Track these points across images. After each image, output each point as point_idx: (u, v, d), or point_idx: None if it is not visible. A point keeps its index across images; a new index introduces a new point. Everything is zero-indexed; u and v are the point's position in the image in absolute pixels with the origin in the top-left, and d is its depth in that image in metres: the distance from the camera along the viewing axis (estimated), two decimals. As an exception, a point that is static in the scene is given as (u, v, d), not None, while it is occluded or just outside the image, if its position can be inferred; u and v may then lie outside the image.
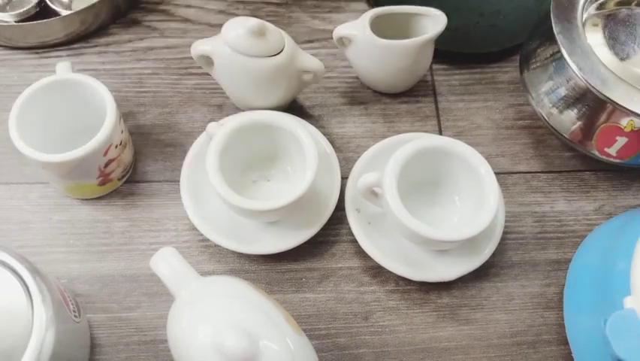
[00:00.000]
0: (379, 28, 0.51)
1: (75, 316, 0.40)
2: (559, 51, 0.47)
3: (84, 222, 0.49)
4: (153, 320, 0.45)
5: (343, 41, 0.53)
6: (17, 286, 0.35)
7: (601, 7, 0.51)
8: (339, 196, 0.48)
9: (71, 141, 0.45)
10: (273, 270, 0.48)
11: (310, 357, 0.37)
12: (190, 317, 0.36)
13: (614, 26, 0.50)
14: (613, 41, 0.49)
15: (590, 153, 0.49)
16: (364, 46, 0.51)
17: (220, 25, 0.48)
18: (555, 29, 0.47)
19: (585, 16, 0.49)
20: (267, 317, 0.36)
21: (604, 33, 0.49)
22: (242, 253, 0.48)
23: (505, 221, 0.48)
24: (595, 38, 0.48)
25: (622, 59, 0.48)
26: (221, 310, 0.36)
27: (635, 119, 0.45)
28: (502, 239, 0.47)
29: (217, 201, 0.45)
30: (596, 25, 0.50)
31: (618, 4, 0.51)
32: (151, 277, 0.46)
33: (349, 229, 0.47)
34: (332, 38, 0.53)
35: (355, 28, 0.51)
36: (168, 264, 0.39)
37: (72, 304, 0.40)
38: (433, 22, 0.51)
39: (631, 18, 0.50)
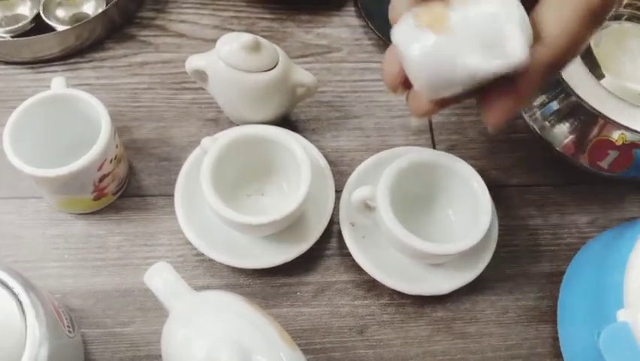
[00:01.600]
0: None
1: (69, 331, 0.40)
2: (550, 66, 0.47)
3: (78, 236, 0.49)
4: (147, 335, 0.45)
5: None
6: (11, 302, 0.35)
7: (591, 22, 0.51)
8: (334, 210, 0.48)
9: (66, 156, 0.45)
10: (267, 284, 0.48)
11: (304, 372, 0.37)
12: (184, 332, 0.36)
13: (604, 41, 0.50)
14: (604, 56, 0.49)
15: (583, 166, 0.49)
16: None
17: (214, 41, 0.48)
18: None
19: (576, 31, 0.50)
20: (260, 332, 0.36)
21: (595, 48, 0.50)
22: (236, 268, 0.47)
23: (499, 234, 0.48)
24: (586, 53, 0.49)
25: (613, 74, 0.48)
26: (215, 326, 0.36)
27: (626, 133, 0.45)
28: (496, 252, 0.47)
29: (211, 216, 0.45)
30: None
31: (609, 19, 0.52)
32: (145, 292, 0.45)
33: (343, 242, 0.47)
34: (326, 52, 0.53)
35: None
36: (162, 279, 0.39)
37: (66, 319, 0.40)
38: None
39: (621, 33, 0.51)
